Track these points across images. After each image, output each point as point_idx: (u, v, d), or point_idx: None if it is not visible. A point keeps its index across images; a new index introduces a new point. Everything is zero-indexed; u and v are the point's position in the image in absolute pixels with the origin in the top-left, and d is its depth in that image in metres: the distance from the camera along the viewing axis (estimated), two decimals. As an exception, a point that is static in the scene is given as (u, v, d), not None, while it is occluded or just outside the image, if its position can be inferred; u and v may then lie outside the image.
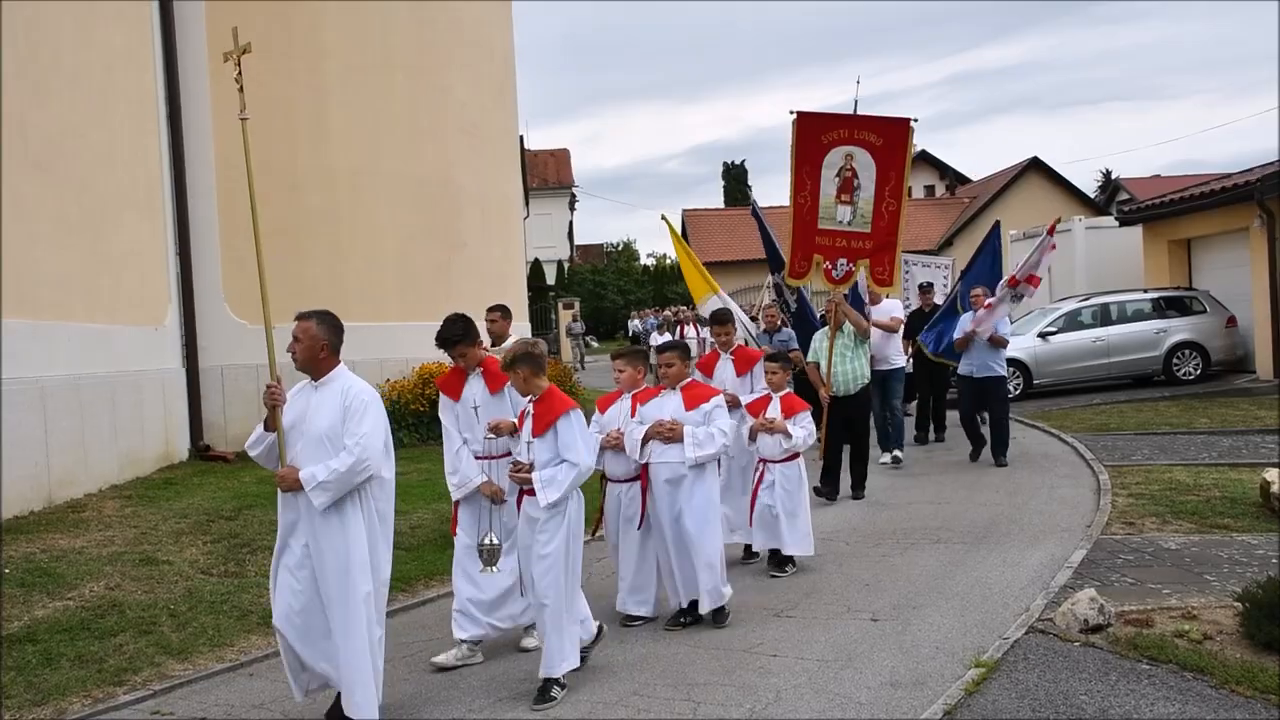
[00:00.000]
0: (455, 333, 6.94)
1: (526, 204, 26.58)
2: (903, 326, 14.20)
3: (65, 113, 11.52)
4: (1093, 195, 50.20)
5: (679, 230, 17.19)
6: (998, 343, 13.18)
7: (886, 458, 13.59)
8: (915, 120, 11.33)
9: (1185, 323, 20.43)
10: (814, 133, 11.43)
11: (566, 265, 57.88)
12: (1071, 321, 20.52)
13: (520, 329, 19.51)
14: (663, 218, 13.66)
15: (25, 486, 10.17)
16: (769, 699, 5.79)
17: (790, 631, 7.00)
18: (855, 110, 11.57)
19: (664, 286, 56.98)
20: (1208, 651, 5.95)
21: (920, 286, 17.15)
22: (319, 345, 5.68)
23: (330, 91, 15.37)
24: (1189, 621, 6.46)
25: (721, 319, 9.55)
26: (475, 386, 6.97)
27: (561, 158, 63.20)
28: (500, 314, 9.20)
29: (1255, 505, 9.52)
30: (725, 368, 9.26)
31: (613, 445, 7.31)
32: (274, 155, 14.97)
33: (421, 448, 13.92)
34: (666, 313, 36.79)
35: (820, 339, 11.69)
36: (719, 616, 7.23)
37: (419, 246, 16.10)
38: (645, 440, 7.20)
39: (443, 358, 15.91)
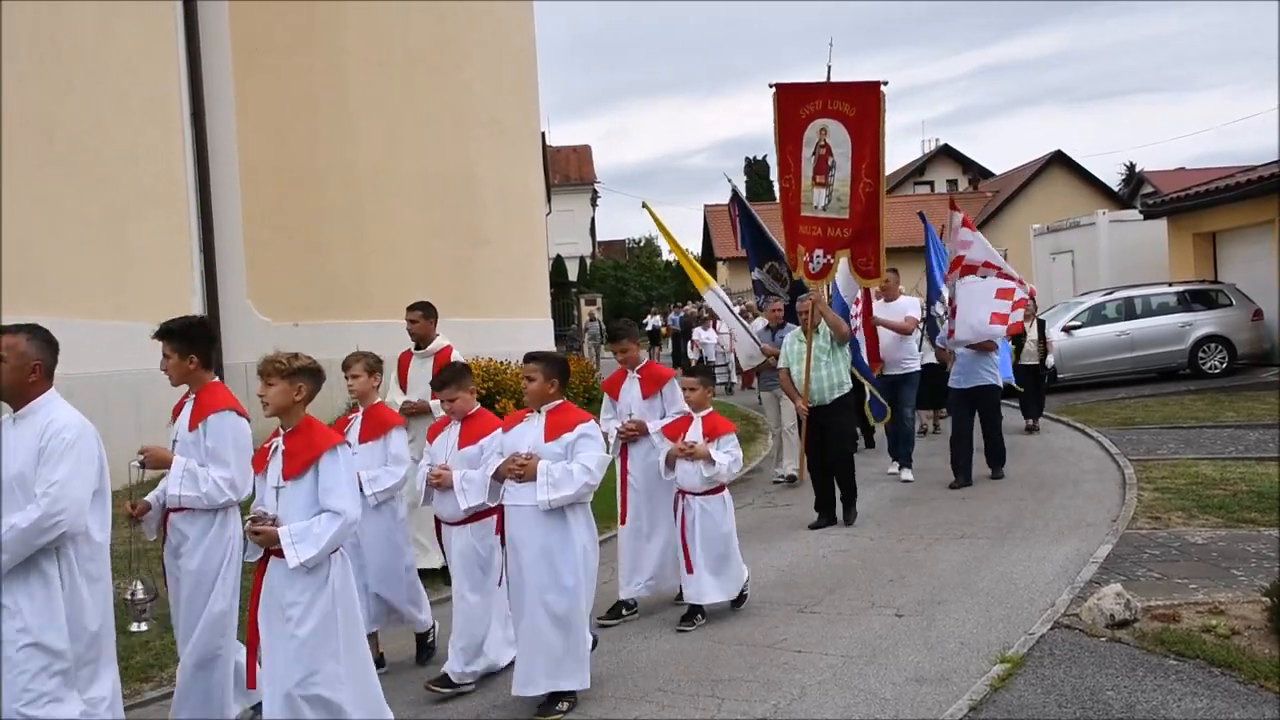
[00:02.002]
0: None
1: (548, 200, 26.60)
2: (920, 327, 12.85)
3: (89, 111, 11.60)
4: (1116, 189, 49.88)
5: (703, 226, 16.79)
6: (986, 346, 11.71)
7: (894, 467, 12.47)
8: (886, 84, 9.96)
9: (1210, 316, 20.28)
10: (793, 106, 10.20)
11: (589, 261, 57.90)
12: (1096, 315, 20.40)
13: (539, 327, 19.54)
14: (644, 205, 12.42)
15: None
16: (793, 695, 5.77)
17: (814, 627, 6.98)
18: (829, 78, 10.19)
19: (686, 283, 56.87)
20: (1235, 646, 5.90)
21: None
22: (29, 366, 4.54)
23: (351, 89, 15.44)
24: (1216, 616, 6.41)
25: (616, 335, 8.05)
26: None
27: (583, 154, 63.26)
28: (421, 313, 8.53)
29: (1283, 499, 9.44)
30: (631, 388, 7.93)
31: (437, 483, 6.25)
32: (296, 152, 15.08)
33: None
34: (689, 308, 36.70)
35: (792, 341, 10.33)
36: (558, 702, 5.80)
37: (441, 243, 16.14)
38: (499, 477, 5.89)
39: (466, 353, 15.95)
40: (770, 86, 10.30)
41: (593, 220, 62.92)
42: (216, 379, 5.73)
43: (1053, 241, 27.91)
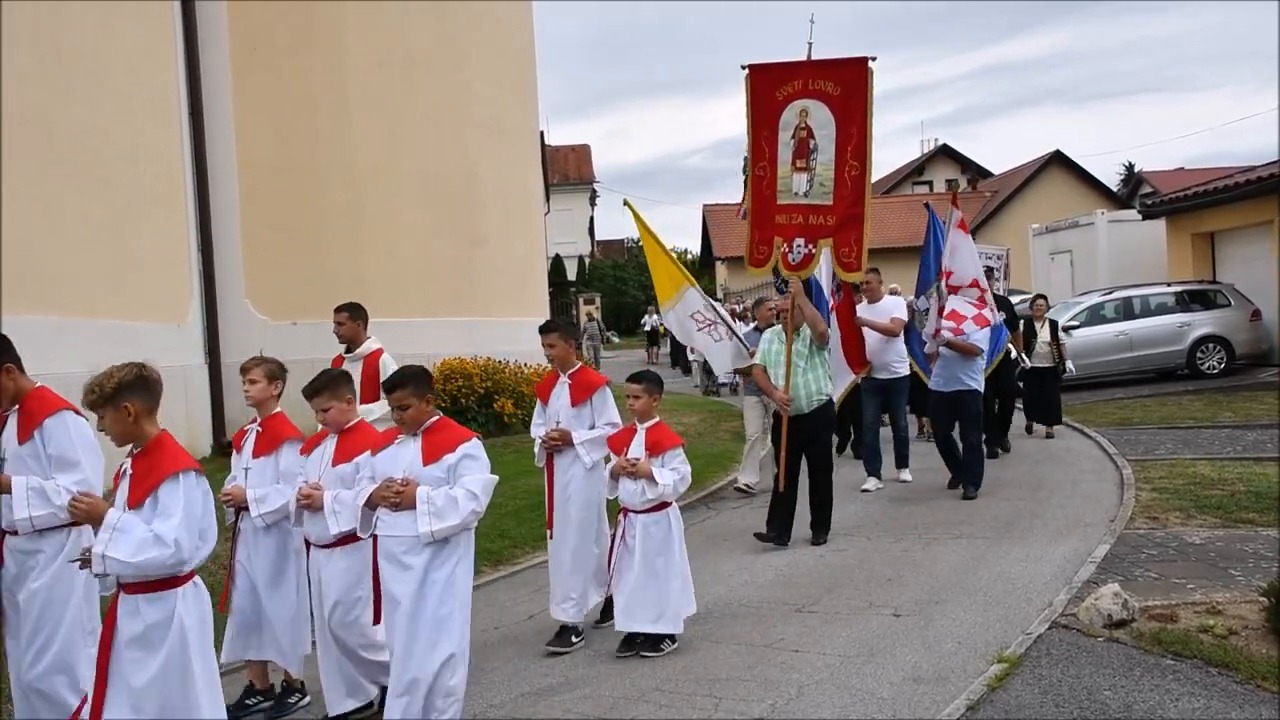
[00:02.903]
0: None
1: (547, 200, 26.59)
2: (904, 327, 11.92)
3: (88, 111, 11.61)
4: (1115, 189, 49.91)
5: (702, 226, 16.35)
6: (969, 351, 11.08)
7: (870, 484, 11.67)
8: (874, 59, 9.14)
9: (1209, 316, 20.33)
10: (769, 88, 9.39)
11: (588, 261, 57.93)
12: (1094, 315, 20.44)
13: (537, 326, 19.51)
14: (625, 203, 11.70)
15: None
16: (791, 694, 5.78)
17: (812, 626, 6.98)
18: (809, 56, 9.41)
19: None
20: (1233, 647, 5.91)
21: None
22: None
23: (351, 87, 15.44)
24: (1213, 617, 6.42)
25: (544, 328, 7.29)
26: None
27: (582, 153, 63.33)
28: (348, 314, 8.01)
29: (1280, 500, 9.46)
30: (561, 394, 7.17)
31: (306, 504, 5.63)
32: (296, 151, 15.08)
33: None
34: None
35: (771, 340, 9.58)
36: None
37: (440, 242, 16.15)
38: (372, 505, 5.24)
39: (465, 353, 15.92)
40: (742, 68, 9.51)
41: (591, 220, 62.98)
42: (39, 384, 5.27)
43: (1051, 241, 27.94)
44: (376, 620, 5.44)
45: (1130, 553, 8.18)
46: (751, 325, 12.34)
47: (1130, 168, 61.45)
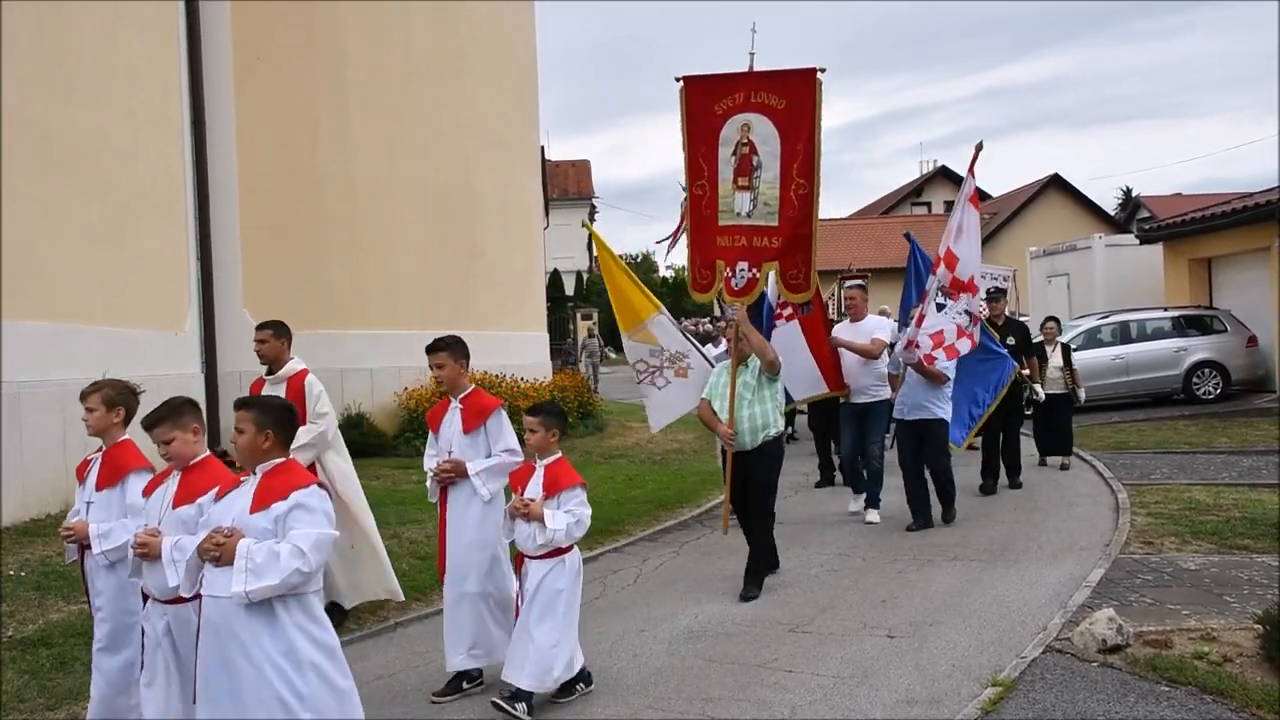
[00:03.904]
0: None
1: (546, 214, 26.63)
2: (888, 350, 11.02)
3: (89, 117, 11.61)
4: (1113, 213, 50.04)
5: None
6: (935, 377, 10.44)
7: (856, 505, 11.30)
8: (823, 70, 8.40)
9: (1205, 341, 20.35)
10: (707, 102, 8.72)
11: (585, 276, 57.93)
12: (1091, 339, 20.43)
13: (536, 340, 19.54)
14: (584, 224, 11.23)
15: (44, 490, 10.23)
16: (784, 715, 5.75)
17: (806, 647, 6.96)
18: (751, 67, 8.77)
19: (683, 299, 56.94)
20: (1227, 674, 5.89)
21: (988, 294, 12.84)
22: None
23: (352, 97, 15.48)
24: (1208, 643, 6.40)
25: (433, 347, 6.53)
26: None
27: (582, 168, 63.33)
28: (271, 332, 7.36)
29: (1276, 526, 9.44)
30: (453, 420, 6.49)
31: (143, 552, 4.78)
32: (295, 160, 15.11)
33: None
34: (686, 324, 36.68)
35: (720, 373, 8.71)
36: None
37: (439, 254, 16.17)
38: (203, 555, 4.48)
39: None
40: (677, 80, 8.80)
41: (590, 235, 62.98)
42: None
43: (1049, 264, 27.98)
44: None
45: (1125, 577, 8.17)
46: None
47: (1128, 192, 61.66)
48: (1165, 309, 21.60)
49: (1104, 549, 9.18)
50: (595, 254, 9.98)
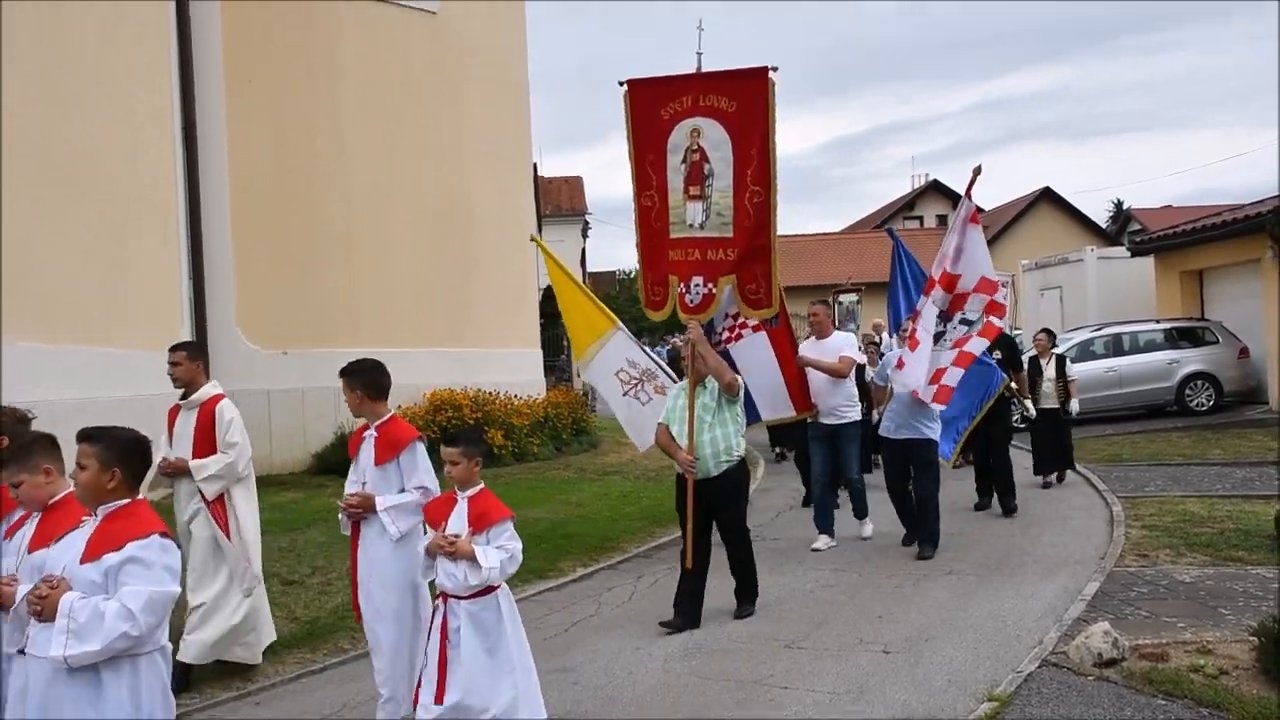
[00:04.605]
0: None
1: (540, 230, 26.70)
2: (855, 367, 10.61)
3: (81, 134, 11.63)
4: (1104, 225, 50.20)
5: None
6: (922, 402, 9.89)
7: (820, 543, 10.45)
8: (775, 69, 7.93)
9: (1198, 353, 20.41)
10: (653, 106, 8.22)
11: (578, 292, 57.94)
12: (1084, 352, 20.46)
13: (530, 357, 19.52)
14: (533, 238, 10.97)
15: (36, 510, 10.17)
16: (780, 731, 5.74)
17: (801, 663, 6.94)
18: (699, 68, 8.35)
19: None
20: (1223, 686, 5.88)
21: None
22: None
23: (347, 112, 15.51)
24: (1204, 656, 6.40)
25: (344, 371, 6.16)
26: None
27: (575, 184, 63.39)
28: (185, 354, 7.00)
29: (1270, 538, 9.43)
30: (367, 450, 6.00)
31: None
32: (290, 177, 15.12)
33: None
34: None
35: (677, 395, 8.13)
36: None
37: (433, 271, 16.21)
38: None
39: (456, 383, 15.85)
40: (620, 84, 8.38)
41: (584, 251, 63.00)
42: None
43: (1041, 277, 28.04)
44: None
45: (1120, 590, 8.17)
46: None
47: (1119, 205, 61.85)
48: (1157, 321, 21.68)
49: (1099, 562, 9.18)
50: (545, 268, 9.65)
